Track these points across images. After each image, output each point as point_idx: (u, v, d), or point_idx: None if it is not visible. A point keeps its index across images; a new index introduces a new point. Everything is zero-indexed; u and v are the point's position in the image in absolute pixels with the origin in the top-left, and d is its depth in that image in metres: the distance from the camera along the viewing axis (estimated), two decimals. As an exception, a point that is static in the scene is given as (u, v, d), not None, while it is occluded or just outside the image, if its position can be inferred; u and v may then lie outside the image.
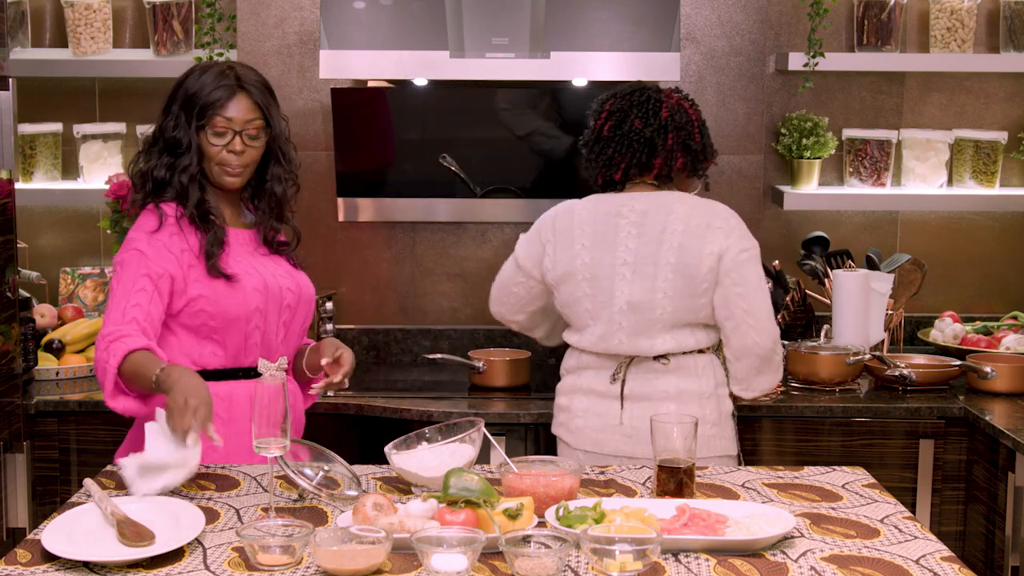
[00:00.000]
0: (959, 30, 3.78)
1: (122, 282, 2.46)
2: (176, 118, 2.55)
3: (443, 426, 2.39)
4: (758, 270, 2.80)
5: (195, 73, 2.58)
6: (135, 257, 2.47)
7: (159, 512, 2.11)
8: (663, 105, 2.85)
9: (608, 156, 2.85)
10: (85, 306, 3.85)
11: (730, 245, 2.77)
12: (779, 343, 2.83)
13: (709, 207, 2.83)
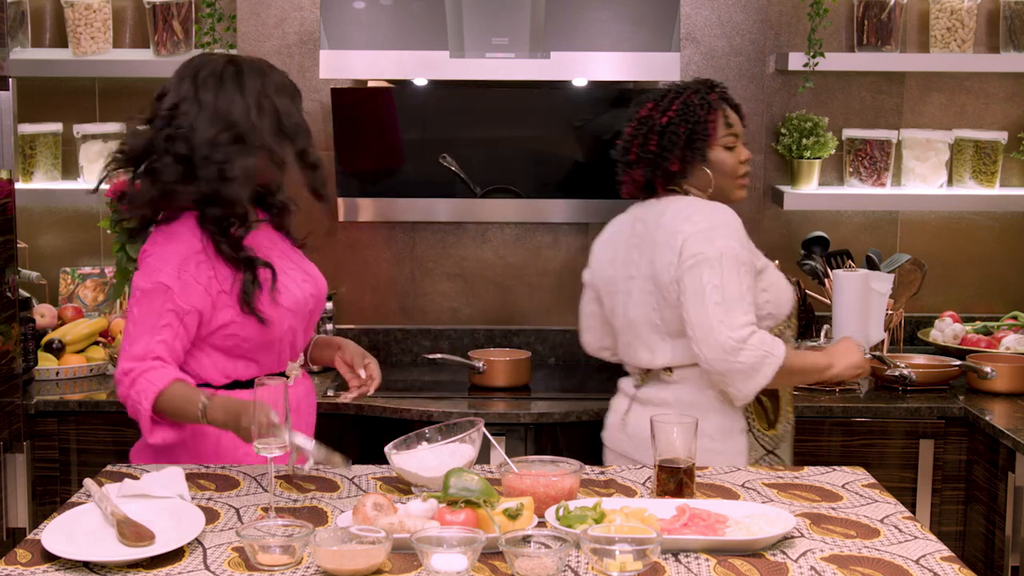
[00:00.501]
0: (959, 30, 3.78)
1: (145, 314, 2.37)
2: (273, 151, 2.49)
3: (443, 426, 2.39)
4: (704, 276, 2.61)
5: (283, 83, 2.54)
6: (160, 291, 2.37)
7: (159, 512, 2.11)
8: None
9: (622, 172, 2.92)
10: (85, 306, 3.85)
11: (683, 253, 2.65)
12: (737, 348, 2.58)
13: (688, 212, 2.71)
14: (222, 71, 2.47)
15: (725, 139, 2.77)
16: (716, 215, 2.70)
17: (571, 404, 3.28)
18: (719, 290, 2.60)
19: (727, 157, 2.78)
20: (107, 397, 3.30)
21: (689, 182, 2.78)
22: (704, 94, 2.77)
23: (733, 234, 2.67)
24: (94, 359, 3.51)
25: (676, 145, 2.74)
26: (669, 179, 2.78)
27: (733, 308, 2.60)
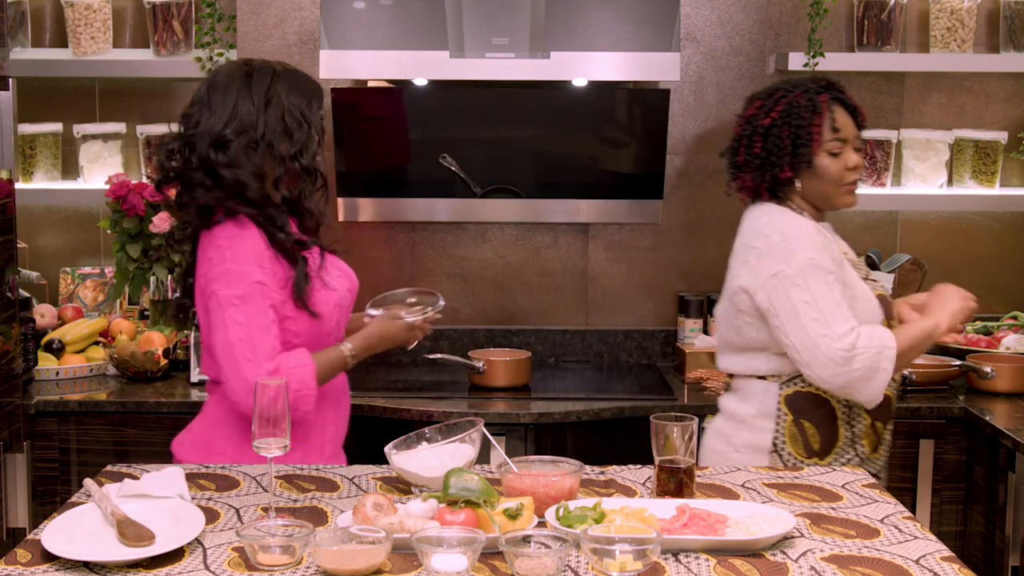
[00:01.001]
0: (959, 30, 3.78)
1: (254, 316, 2.43)
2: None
3: (443, 426, 2.39)
4: (793, 295, 2.54)
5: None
6: (258, 290, 2.44)
7: (159, 512, 2.11)
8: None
9: None
10: (85, 306, 3.85)
11: (759, 272, 2.59)
12: (849, 357, 2.50)
13: (760, 224, 2.64)
14: (233, 73, 2.53)
15: (830, 144, 2.62)
16: (787, 226, 2.60)
17: (571, 404, 3.29)
18: (812, 306, 2.52)
19: (831, 164, 2.62)
20: (107, 397, 3.30)
21: (792, 189, 2.65)
22: (813, 94, 2.63)
23: (808, 244, 2.57)
24: (94, 359, 3.51)
25: (783, 150, 2.61)
26: (778, 185, 2.66)
27: (832, 318, 2.51)
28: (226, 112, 2.48)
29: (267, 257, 2.47)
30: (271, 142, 2.48)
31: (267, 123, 2.48)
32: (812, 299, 2.52)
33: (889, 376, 2.54)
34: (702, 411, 3.24)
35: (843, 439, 2.66)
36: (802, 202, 2.67)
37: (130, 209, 3.51)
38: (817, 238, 2.59)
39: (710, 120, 3.75)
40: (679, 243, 3.79)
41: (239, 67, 2.54)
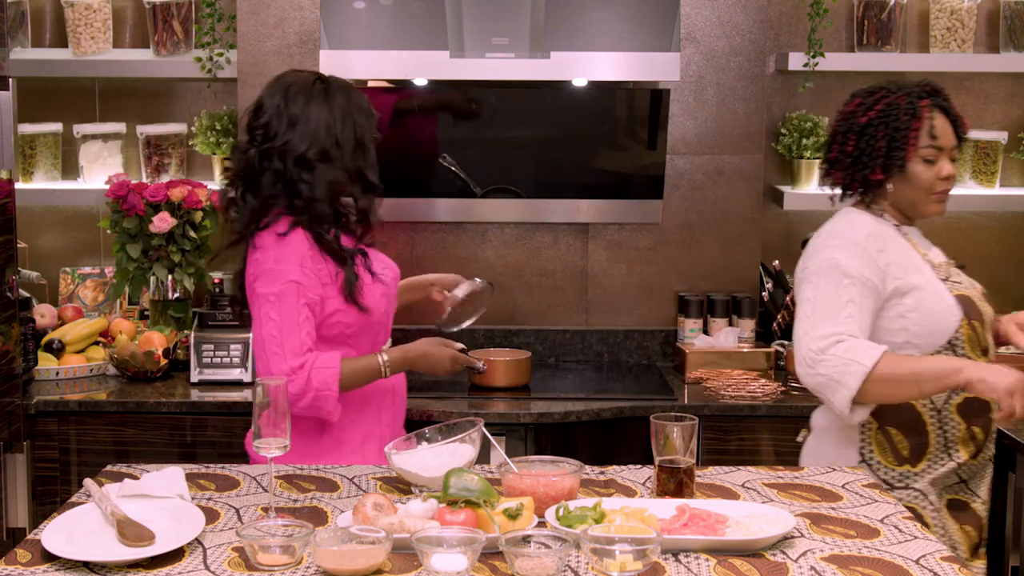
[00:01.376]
0: (959, 30, 3.78)
1: (286, 314, 2.53)
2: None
3: (443, 426, 2.39)
4: (803, 291, 2.54)
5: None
6: (293, 289, 2.54)
7: (159, 512, 2.11)
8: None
9: None
10: (85, 306, 3.85)
11: (801, 266, 2.60)
12: (816, 359, 2.46)
13: (826, 224, 2.64)
14: (311, 86, 2.62)
15: (925, 151, 2.55)
16: (837, 226, 2.58)
17: (571, 404, 3.29)
18: (811, 303, 2.50)
19: (924, 171, 2.56)
20: (107, 397, 3.30)
21: (883, 192, 2.60)
22: (914, 98, 2.55)
23: (844, 245, 2.52)
24: (94, 359, 3.51)
25: (876, 152, 2.55)
26: (868, 187, 2.61)
27: (821, 319, 2.47)
28: (308, 130, 2.58)
29: (309, 257, 2.56)
30: (344, 160, 2.61)
31: (343, 142, 2.60)
32: (814, 297, 2.50)
33: (852, 393, 2.43)
34: (702, 411, 3.25)
35: (935, 445, 2.56)
36: (888, 206, 2.61)
37: (130, 209, 3.51)
38: (862, 242, 2.53)
39: (710, 120, 3.75)
40: (679, 243, 3.79)
41: (314, 81, 2.64)
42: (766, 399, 3.30)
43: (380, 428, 2.72)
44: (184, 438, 3.25)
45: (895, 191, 2.59)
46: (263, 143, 2.59)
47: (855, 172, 2.60)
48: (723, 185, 3.76)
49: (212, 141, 3.75)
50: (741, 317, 3.71)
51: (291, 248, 2.56)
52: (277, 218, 2.59)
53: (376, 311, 2.65)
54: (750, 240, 3.78)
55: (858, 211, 2.63)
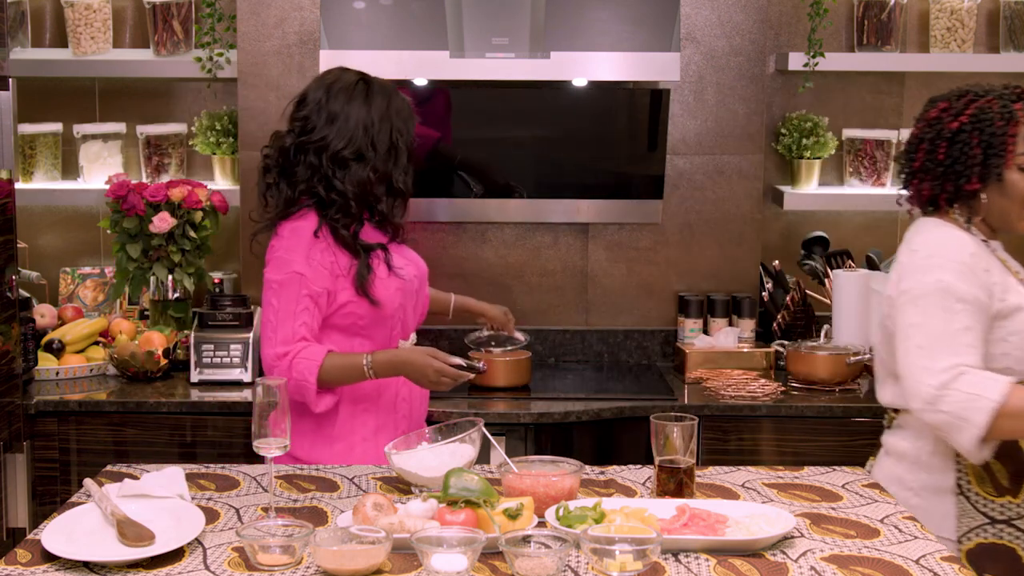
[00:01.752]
0: (959, 30, 3.78)
1: (285, 302, 2.61)
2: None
3: (443, 426, 2.39)
4: (909, 315, 2.36)
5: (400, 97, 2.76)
6: (295, 279, 2.60)
7: (159, 512, 2.11)
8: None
9: None
10: (85, 306, 3.85)
11: (899, 287, 2.42)
12: (937, 396, 2.28)
13: (912, 237, 2.48)
14: (354, 86, 2.69)
15: (1023, 158, 2.40)
16: (937, 243, 2.40)
17: (571, 404, 3.29)
18: (921, 330, 2.33)
19: (1020, 180, 2.39)
20: (107, 397, 3.30)
21: (977, 203, 2.43)
22: (1008, 102, 2.40)
23: (949, 266, 2.35)
24: (94, 359, 3.51)
25: (972, 160, 2.40)
26: (960, 197, 2.44)
27: (937, 350, 2.30)
28: (348, 129, 2.65)
29: (321, 249, 2.62)
30: (378, 161, 2.68)
31: (378, 143, 2.67)
32: (925, 323, 2.33)
33: (980, 432, 2.25)
34: (702, 411, 3.25)
35: None
36: (977, 219, 2.45)
37: (130, 209, 3.51)
38: (968, 261, 2.37)
39: (710, 120, 3.75)
40: (679, 243, 3.79)
41: (357, 80, 2.70)
42: (766, 399, 3.30)
43: (395, 425, 2.75)
44: (184, 438, 3.25)
45: (988, 202, 2.42)
46: (300, 135, 2.67)
47: (946, 182, 2.44)
48: (723, 185, 3.76)
49: (212, 141, 3.75)
50: (741, 317, 3.72)
51: (302, 239, 2.62)
52: (304, 209, 2.66)
53: (388, 305, 2.68)
54: (750, 240, 3.78)
55: (948, 225, 2.46)
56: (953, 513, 2.41)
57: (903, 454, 2.50)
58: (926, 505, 2.43)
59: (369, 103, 2.68)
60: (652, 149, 3.67)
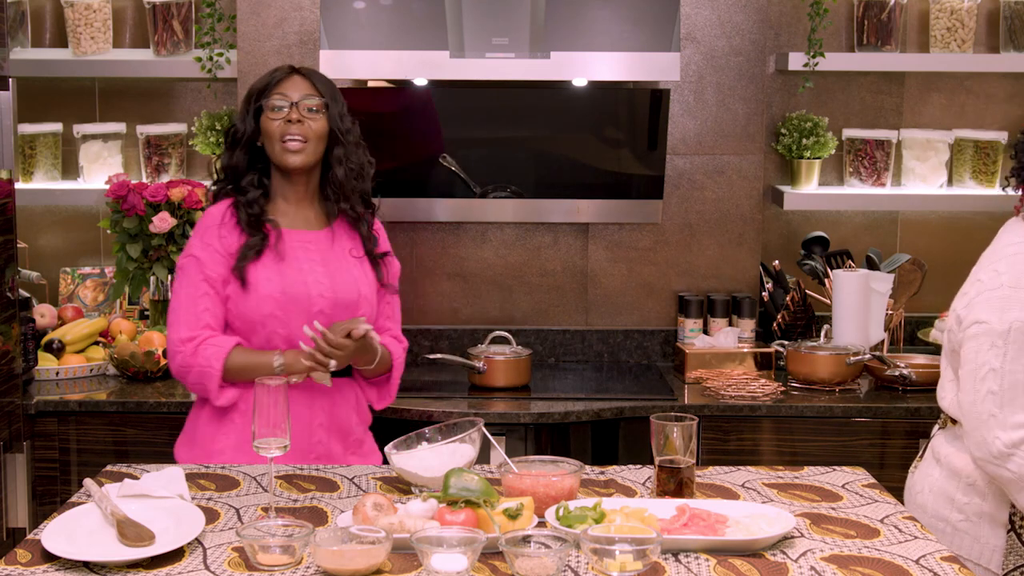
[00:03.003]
0: (959, 30, 3.78)
1: (184, 287, 2.61)
2: (241, 114, 2.70)
3: (443, 426, 2.39)
4: (983, 353, 2.22)
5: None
6: (192, 264, 2.61)
7: (159, 512, 2.11)
8: None
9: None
10: (85, 306, 3.85)
11: (971, 308, 2.29)
12: (1006, 454, 2.19)
13: (998, 251, 2.34)
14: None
15: None
16: (1016, 268, 2.24)
17: (571, 404, 3.29)
18: (998, 376, 2.20)
19: None
20: (107, 397, 3.30)
21: None
22: None
23: None
24: (94, 359, 3.51)
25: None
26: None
27: (1012, 401, 2.18)
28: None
29: (219, 234, 2.60)
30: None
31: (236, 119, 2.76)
32: (1003, 369, 2.20)
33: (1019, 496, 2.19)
34: (702, 411, 3.25)
35: None
36: None
37: (130, 209, 3.51)
38: None
39: (710, 120, 3.75)
40: (679, 243, 3.79)
41: (323, 75, 2.78)
42: (766, 399, 3.30)
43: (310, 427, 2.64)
44: (184, 438, 3.25)
45: None
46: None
47: None
48: (723, 185, 3.76)
49: (212, 141, 3.75)
50: (741, 317, 3.72)
51: (204, 222, 2.65)
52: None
53: (257, 308, 2.58)
54: (750, 240, 3.78)
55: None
56: (1001, 548, 2.32)
57: (957, 472, 2.38)
58: (975, 532, 2.35)
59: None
60: (652, 149, 3.67)
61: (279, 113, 2.63)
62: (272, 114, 2.63)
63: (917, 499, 2.49)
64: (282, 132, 2.62)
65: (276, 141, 2.63)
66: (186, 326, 2.57)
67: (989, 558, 2.34)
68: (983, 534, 2.35)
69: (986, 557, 2.35)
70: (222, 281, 2.59)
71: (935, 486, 2.44)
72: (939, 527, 2.40)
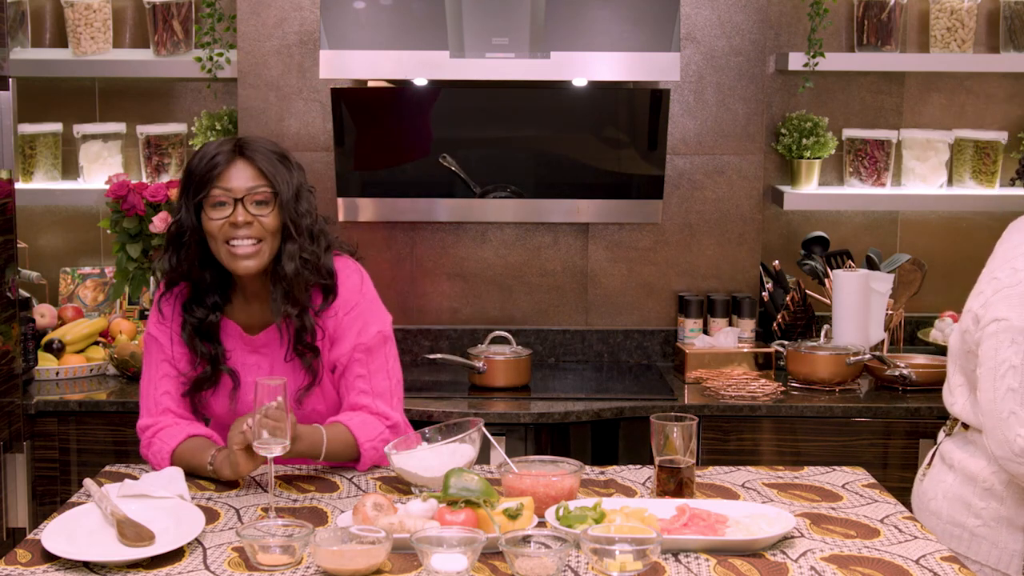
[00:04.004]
0: (959, 30, 3.78)
1: (147, 367, 2.53)
2: (181, 203, 2.41)
3: (443, 426, 2.39)
4: (1003, 351, 2.20)
5: (199, 150, 2.43)
6: (152, 343, 2.51)
7: (159, 512, 2.11)
8: None
9: None
10: (85, 306, 3.85)
11: (988, 308, 2.26)
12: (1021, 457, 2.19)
13: (1018, 247, 2.31)
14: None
15: None
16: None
17: (571, 404, 3.29)
18: (1018, 373, 2.18)
19: None
20: (107, 397, 3.30)
21: None
22: None
23: None
24: (94, 359, 3.51)
25: None
26: None
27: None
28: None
29: (171, 314, 2.48)
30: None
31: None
32: (1022, 365, 2.19)
33: None
34: (702, 411, 3.25)
35: None
36: None
37: (130, 209, 3.51)
38: None
39: (710, 120, 3.75)
40: (679, 243, 3.79)
41: (268, 142, 2.50)
42: (766, 399, 3.30)
43: None
44: (184, 438, 3.24)
45: None
46: None
47: None
48: (723, 185, 3.76)
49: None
50: (741, 317, 3.72)
51: (157, 294, 2.52)
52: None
53: (215, 418, 2.54)
54: (750, 240, 3.78)
55: None
56: (1021, 552, 2.32)
57: (973, 476, 2.37)
58: (993, 537, 2.34)
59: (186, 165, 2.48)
60: (652, 149, 3.67)
61: (221, 211, 2.34)
62: (213, 212, 2.35)
63: (930, 506, 2.46)
64: (227, 236, 2.35)
65: (221, 244, 2.36)
66: (146, 412, 2.49)
67: (1008, 563, 2.33)
68: (1001, 539, 2.33)
69: (1004, 562, 2.33)
70: (181, 359, 2.48)
71: (949, 492, 2.42)
72: (955, 533, 2.38)
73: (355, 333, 2.48)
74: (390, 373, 2.53)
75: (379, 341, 2.51)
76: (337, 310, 2.49)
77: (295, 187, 2.41)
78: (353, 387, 2.49)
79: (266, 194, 2.36)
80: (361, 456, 2.43)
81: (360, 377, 2.49)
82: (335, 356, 2.49)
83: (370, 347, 2.50)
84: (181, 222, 2.39)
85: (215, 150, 2.37)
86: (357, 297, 2.52)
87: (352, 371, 2.49)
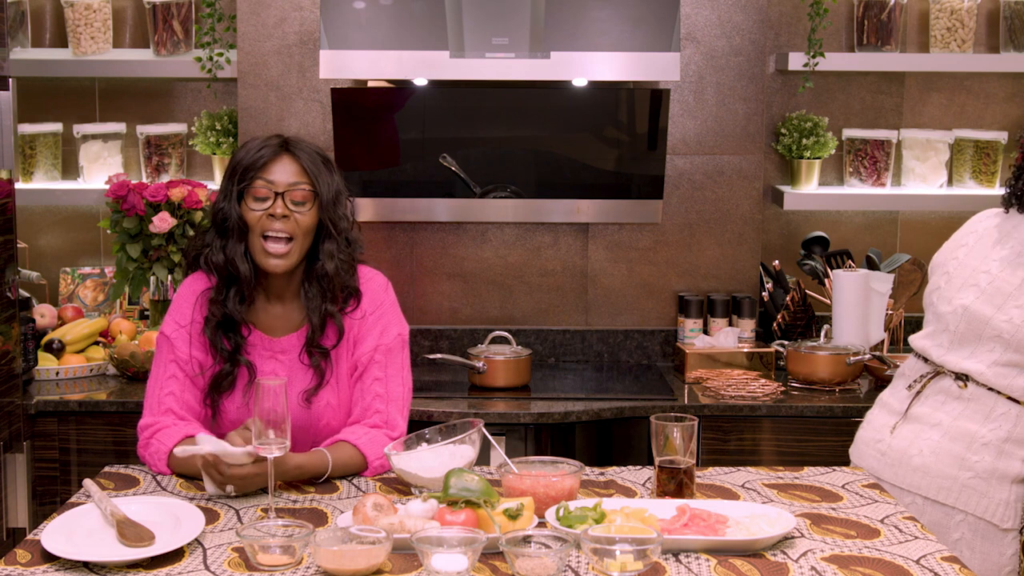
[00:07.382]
0: (959, 30, 3.78)
1: (155, 366, 2.53)
2: (223, 191, 2.45)
3: (443, 427, 2.39)
4: None
5: (245, 143, 2.48)
6: (163, 343, 2.51)
7: (159, 512, 2.11)
8: None
9: None
10: (85, 306, 3.85)
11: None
12: None
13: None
14: None
15: None
16: None
17: (571, 404, 3.29)
18: None
19: None
20: (107, 397, 3.30)
21: None
22: None
23: None
24: (94, 359, 3.51)
25: None
26: None
27: None
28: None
29: (190, 317, 2.48)
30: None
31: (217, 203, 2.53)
32: None
33: None
34: (702, 411, 3.25)
35: None
36: None
37: (130, 209, 3.51)
38: None
39: (710, 120, 3.75)
40: (679, 243, 3.79)
41: (312, 144, 2.53)
42: (766, 399, 3.30)
43: None
44: (184, 438, 3.25)
45: None
46: None
47: None
48: (723, 185, 3.76)
49: (212, 141, 3.75)
50: (741, 317, 3.72)
51: (178, 295, 2.54)
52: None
53: (231, 423, 2.50)
54: (750, 240, 3.79)
55: None
56: (1005, 500, 2.42)
57: (970, 433, 2.46)
58: (983, 488, 2.44)
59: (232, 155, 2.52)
60: (652, 149, 3.67)
61: (262, 204, 2.39)
62: (254, 204, 2.40)
63: (912, 462, 2.53)
64: (264, 228, 2.40)
65: (257, 236, 2.41)
66: (148, 411, 2.49)
67: (994, 511, 2.43)
68: (991, 489, 2.43)
69: (991, 511, 2.43)
70: (195, 363, 2.48)
71: (937, 447, 2.51)
72: (945, 485, 2.47)
73: (377, 333, 2.54)
74: (404, 380, 2.57)
75: (399, 344, 2.57)
76: (365, 311, 2.54)
77: (335, 190, 2.46)
78: (369, 390, 2.52)
79: (306, 192, 2.41)
80: (369, 468, 2.46)
81: (377, 380, 2.53)
82: (356, 356, 2.53)
83: (390, 348, 2.55)
84: (225, 210, 2.43)
85: (262, 143, 2.43)
86: (382, 297, 2.58)
87: (370, 373, 2.52)
